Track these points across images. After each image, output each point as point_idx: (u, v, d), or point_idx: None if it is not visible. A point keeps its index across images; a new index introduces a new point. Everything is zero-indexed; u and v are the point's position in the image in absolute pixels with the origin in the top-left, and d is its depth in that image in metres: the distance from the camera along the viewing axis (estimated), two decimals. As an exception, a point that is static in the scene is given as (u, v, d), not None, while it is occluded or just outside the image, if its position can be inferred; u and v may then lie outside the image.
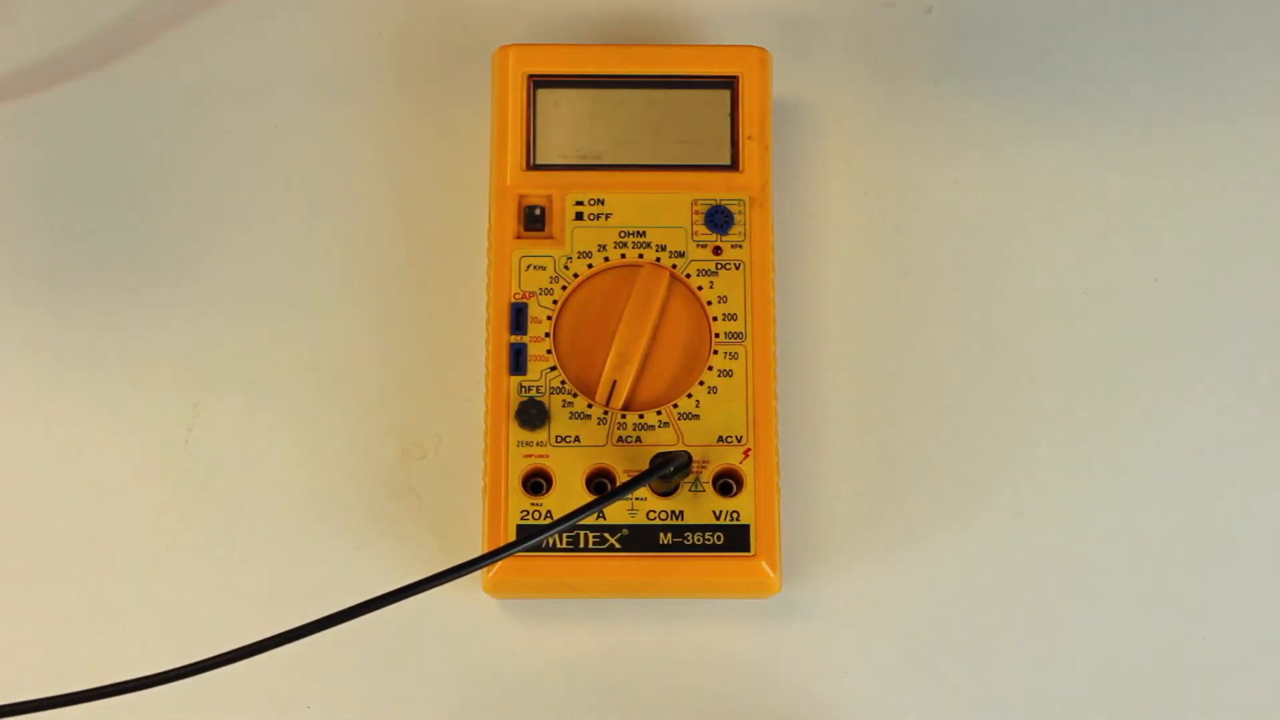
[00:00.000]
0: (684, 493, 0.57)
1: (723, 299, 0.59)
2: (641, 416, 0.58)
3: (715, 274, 0.59)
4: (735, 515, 0.57)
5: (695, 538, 0.56)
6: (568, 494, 0.56)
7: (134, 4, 0.65)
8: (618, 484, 0.56)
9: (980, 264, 0.63)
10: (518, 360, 0.58)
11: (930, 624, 0.59)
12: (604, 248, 0.59)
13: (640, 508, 0.57)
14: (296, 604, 0.53)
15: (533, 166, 0.60)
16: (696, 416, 0.58)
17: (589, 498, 0.56)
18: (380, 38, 0.65)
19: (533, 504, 0.56)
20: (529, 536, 0.55)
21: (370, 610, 0.49)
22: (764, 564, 0.56)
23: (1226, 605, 0.59)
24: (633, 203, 0.60)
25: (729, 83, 0.61)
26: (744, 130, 0.61)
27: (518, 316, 0.58)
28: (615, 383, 0.58)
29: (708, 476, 0.57)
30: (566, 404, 0.57)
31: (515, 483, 0.57)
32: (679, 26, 0.65)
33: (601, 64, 0.61)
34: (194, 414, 0.61)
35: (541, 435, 0.57)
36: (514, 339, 0.58)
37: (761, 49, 0.62)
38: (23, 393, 0.61)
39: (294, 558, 0.59)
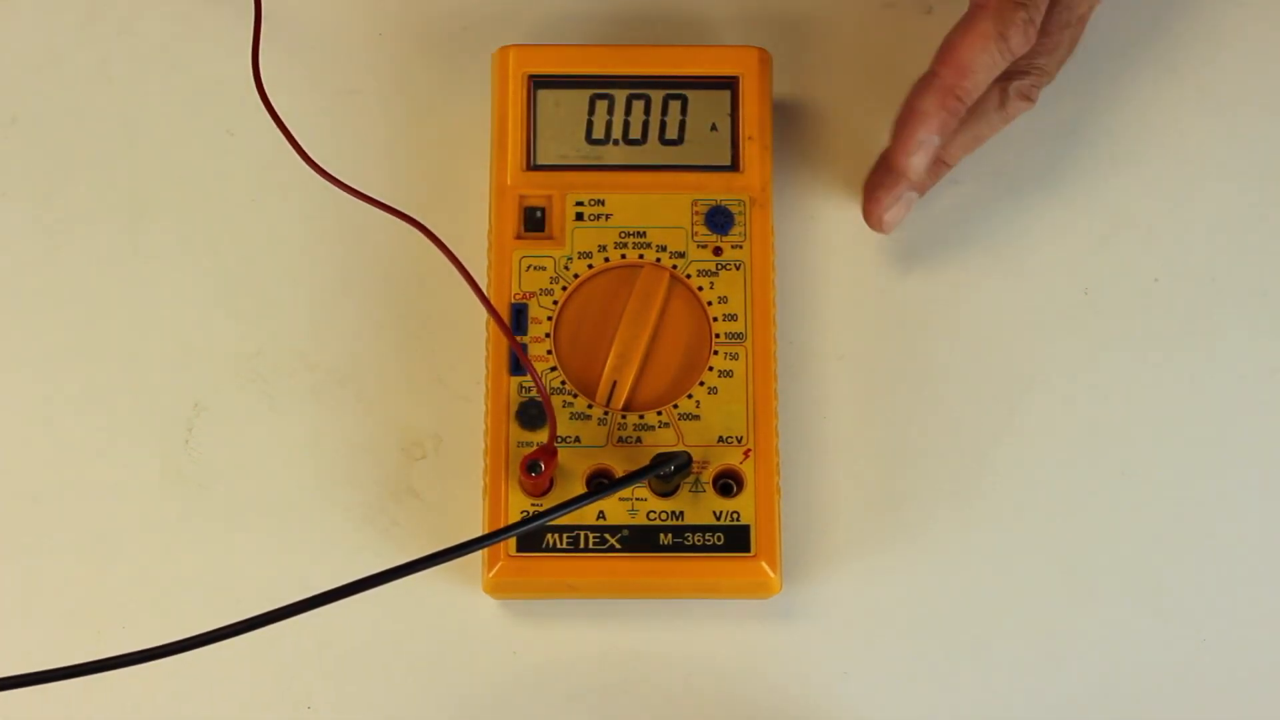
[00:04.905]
0: (684, 493, 0.57)
1: (723, 299, 0.59)
2: (642, 417, 0.58)
3: (715, 274, 0.59)
4: (735, 516, 0.57)
5: (695, 538, 0.56)
6: (568, 494, 0.56)
7: (135, 4, 0.65)
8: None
9: (980, 264, 0.63)
10: (518, 360, 0.58)
11: (930, 624, 0.59)
12: (604, 248, 0.59)
13: (640, 508, 0.57)
14: (297, 604, 0.53)
15: (533, 166, 0.60)
16: (697, 417, 0.58)
17: (589, 499, 0.56)
18: (380, 38, 0.65)
19: (533, 504, 0.56)
20: (526, 532, 0.55)
21: (359, 591, 0.49)
22: (764, 564, 0.56)
23: (1226, 605, 0.59)
24: (633, 203, 0.60)
25: (729, 83, 0.61)
26: (744, 130, 0.61)
27: (518, 317, 0.58)
28: (615, 383, 0.58)
29: (708, 477, 0.57)
30: (567, 404, 0.57)
31: (515, 482, 0.57)
32: (679, 27, 0.65)
33: (601, 64, 0.61)
34: (194, 414, 0.61)
35: (541, 435, 0.57)
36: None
37: (761, 49, 0.62)
38: (23, 393, 0.61)
39: (294, 557, 0.59)
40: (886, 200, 0.60)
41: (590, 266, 0.59)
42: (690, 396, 0.58)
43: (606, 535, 0.56)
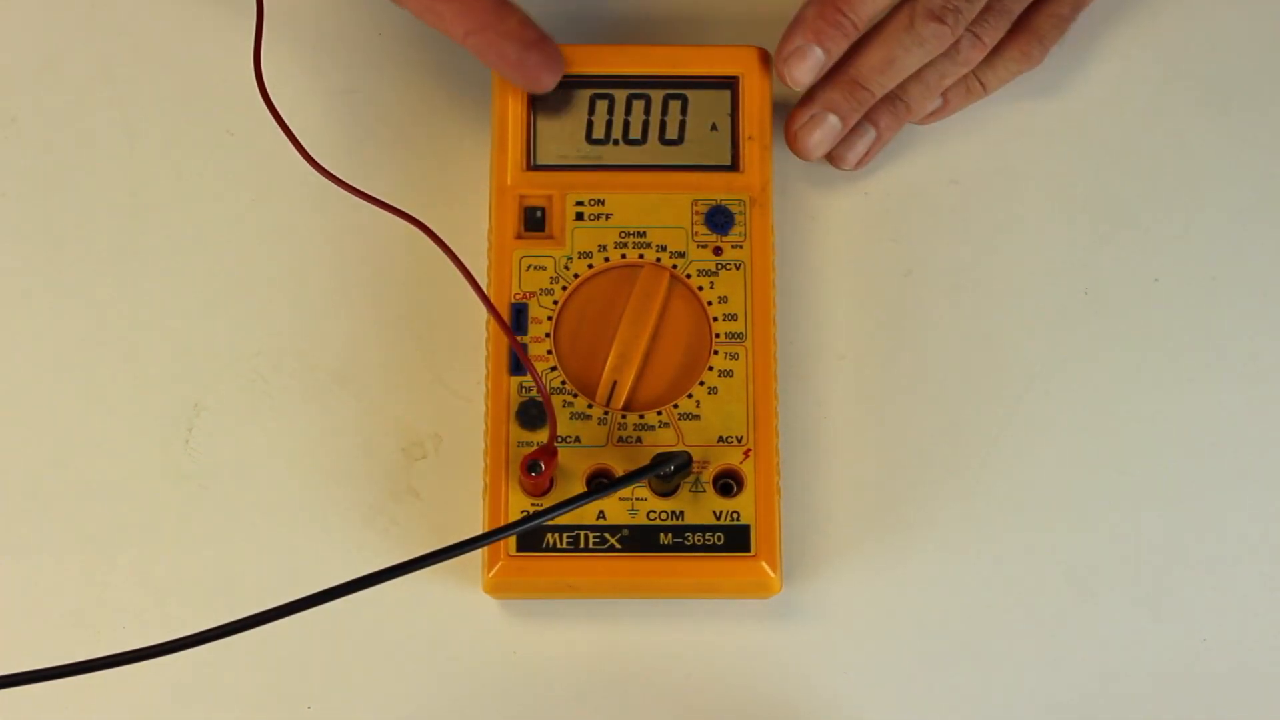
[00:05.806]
0: (684, 493, 0.57)
1: (723, 299, 0.59)
2: (642, 417, 0.58)
3: (715, 274, 0.59)
4: (735, 515, 0.57)
5: (695, 538, 0.56)
6: (568, 494, 0.56)
7: (135, 4, 0.65)
8: (618, 484, 0.56)
9: (980, 264, 0.63)
10: (518, 360, 0.58)
11: (930, 624, 0.59)
12: (604, 248, 0.59)
13: (640, 508, 0.57)
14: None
15: (533, 166, 0.60)
16: (697, 417, 0.58)
17: (589, 498, 0.56)
18: (380, 38, 0.65)
19: (533, 504, 0.56)
20: (525, 531, 0.55)
21: (359, 589, 0.49)
22: (764, 564, 0.56)
23: (1226, 605, 0.59)
24: (633, 203, 0.60)
25: (729, 83, 0.61)
26: (744, 130, 0.61)
27: (518, 316, 0.58)
28: (616, 383, 0.58)
29: (708, 477, 0.57)
30: (567, 404, 0.58)
31: (515, 482, 0.57)
32: (679, 27, 0.65)
33: (601, 64, 0.61)
34: (194, 414, 0.61)
35: (542, 435, 0.57)
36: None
37: (761, 49, 0.62)
38: (23, 392, 0.61)
39: (294, 557, 0.59)
40: (798, 118, 0.61)
41: (590, 266, 0.59)
42: (690, 396, 0.58)
43: (606, 535, 0.56)
